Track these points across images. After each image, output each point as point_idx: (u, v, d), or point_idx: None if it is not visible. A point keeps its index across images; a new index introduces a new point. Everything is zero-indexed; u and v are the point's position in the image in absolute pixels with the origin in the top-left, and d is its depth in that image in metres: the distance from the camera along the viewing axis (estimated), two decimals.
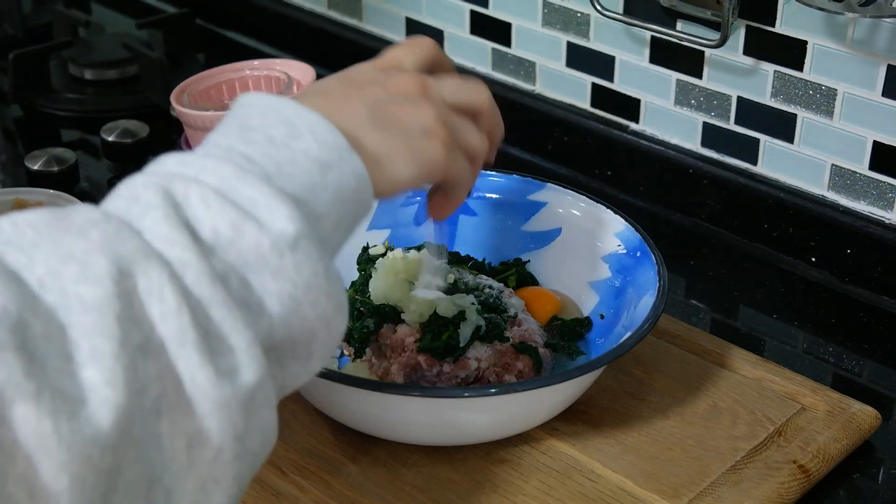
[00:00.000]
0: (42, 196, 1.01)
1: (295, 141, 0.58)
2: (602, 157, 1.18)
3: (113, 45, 1.40)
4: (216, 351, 0.50)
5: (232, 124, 0.59)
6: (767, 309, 1.01)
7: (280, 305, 0.53)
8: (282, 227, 0.53)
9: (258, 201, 0.54)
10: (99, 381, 0.46)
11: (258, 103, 0.60)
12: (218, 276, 0.51)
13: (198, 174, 0.54)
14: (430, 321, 0.82)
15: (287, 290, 0.53)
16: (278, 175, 0.56)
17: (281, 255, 0.53)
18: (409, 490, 0.77)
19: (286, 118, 0.59)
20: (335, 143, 0.58)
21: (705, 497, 0.76)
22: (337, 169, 0.58)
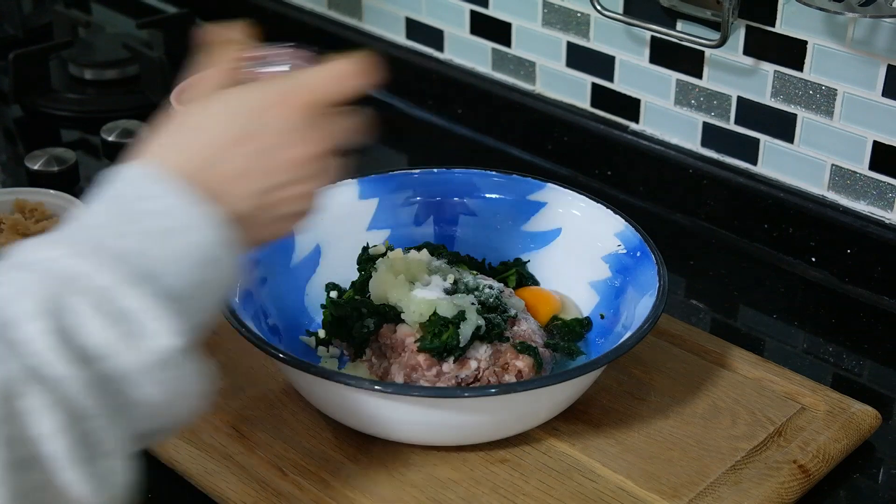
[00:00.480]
0: (42, 196, 1.01)
1: (177, 237, 0.57)
2: (602, 157, 1.18)
3: (113, 45, 1.40)
4: (92, 459, 0.51)
5: (112, 208, 0.58)
6: (767, 309, 1.01)
7: (153, 410, 0.55)
8: (165, 342, 0.54)
9: (143, 313, 0.54)
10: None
11: (142, 184, 0.59)
12: (96, 388, 0.52)
13: (81, 278, 0.54)
14: (430, 321, 0.82)
15: (163, 398, 0.55)
16: (157, 274, 0.56)
17: (161, 368, 0.54)
18: (409, 490, 0.77)
19: (169, 209, 0.58)
20: (217, 240, 0.59)
21: (705, 497, 0.76)
22: (214, 266, 0.58)
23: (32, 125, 1.33)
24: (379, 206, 0.95)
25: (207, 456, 0.80)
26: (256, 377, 0.86)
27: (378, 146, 1.29)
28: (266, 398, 0.85)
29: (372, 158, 1.26)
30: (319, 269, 0.92)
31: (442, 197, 0.96)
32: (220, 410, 0.83)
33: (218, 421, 0.82)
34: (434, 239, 0.96)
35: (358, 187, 0.94)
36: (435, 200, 0.96)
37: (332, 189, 0.92)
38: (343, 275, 0.91)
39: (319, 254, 0.92)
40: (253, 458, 0.79)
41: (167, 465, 0.80)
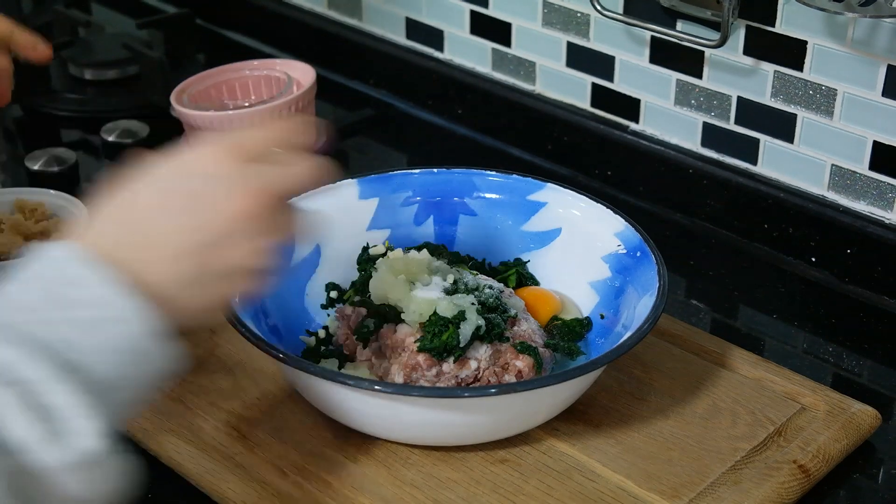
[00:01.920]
0: (42, 196, 1.01)
1: (107, 328, 0.56)
2: (602, 157, 1.18)
3: (113, 45, 1.40)
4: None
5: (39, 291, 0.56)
6: (767, 309, 1.01)
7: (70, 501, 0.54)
8: (86, 443, 0.54)
9: (66, 411, 0.53)
10: None
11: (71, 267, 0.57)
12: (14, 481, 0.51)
13: (11, 368, 0.53)
14: (430, 321, 0.82)
15: (83, 496, 0.54)
16: (85, 365, 0.55)
17: (82, 467, 0.54)
18: (409, 490, 0.77)
19: (99, 299, 0.56)
20: (147, 331, 0.57)
21: (705, 497, 0.76)
22: (144, 358, 0.58)
23: (32, 125, 1.33)
24: (379, 206, 0.95)
25: (207, 456, 0.80)
26: (256, 377, 0.86)
27: (378, 146, 1.29)
28: (266, 398, 0.85)
29: (372, 158, 1.26)
30: (319, 269, 0.92)
31: (442, 197, 0.96)
32: (220, 411, 0.83)
33: (218, 421, 0.82)
34: (434, 239, 0.96)
35: (358, 187, 0.94)
36: (435, 200, 0.96)
37: (332, 189, 0.92)
38: (343, 275, 0.91)
39: (319, 254, 0.92)
40: (253, 458, 0.79)
41: (167, 465, 0.80)
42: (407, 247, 0.92)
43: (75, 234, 0.60)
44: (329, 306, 0.91)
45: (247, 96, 1.17)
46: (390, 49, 1.34)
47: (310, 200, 0.85)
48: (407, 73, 1.33)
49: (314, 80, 1.12)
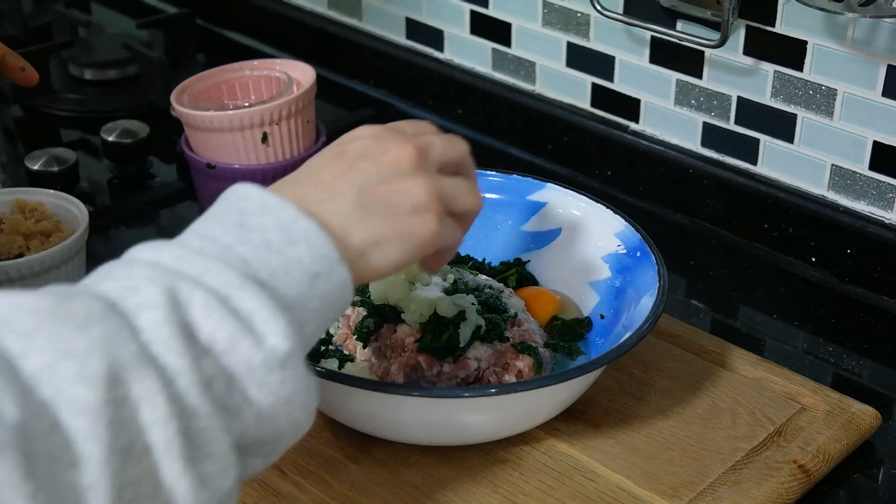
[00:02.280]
0: (42, 196, 1.01)
1: (291, 248, 0.58)
2: (602, 157, 1.18)
3: (113, 45, 1.40)
4: (197, 458, 0.51)
5: (228, 217, 0.59)
6: (767, 309, 1.01)
7: (258, 413, 0.55)
8: (276, 343, 0.55)
9: (257, 313, 0.55)
10: (85, 485, 0.47)
11: (256, 200, 0.60)
12: (206, 383, 0.52)
13: (200, 275, 0.55)
14: (430, 321, 0.82)
15: (268, 401, 0.55)
16: (272, 282, 0.57)
17: (270, 370, 0.54)
18: (409, 490, 0.77)
19: (282, 222, 0.59)
20: (327, 253, 0.59)
21: (705, 497, 0.76)
22: (325, 279, 0.59)
23: (32, 125, 1.33)
24: None
25: None
26: None
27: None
28: None
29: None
30: None
31: None
32: None
33: None
34: None
35: None
36: None
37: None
38: None
39: None
40: None
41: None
42: None
43: None
44: None
45: (247, 96, 1.17)
46: (390, 49, 1.34)
47: None
48: (407, 73, 1.33)
49: (314, 80, 1.12)
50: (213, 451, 0.52)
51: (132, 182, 1.21)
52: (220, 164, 1.08)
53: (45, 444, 0.46)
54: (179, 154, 1.17)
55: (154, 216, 1.16)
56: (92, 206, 1.10)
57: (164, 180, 1.21)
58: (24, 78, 1.09)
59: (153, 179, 1.22)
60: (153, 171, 1.23)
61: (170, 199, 1.18)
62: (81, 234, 0.96)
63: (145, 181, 1.21)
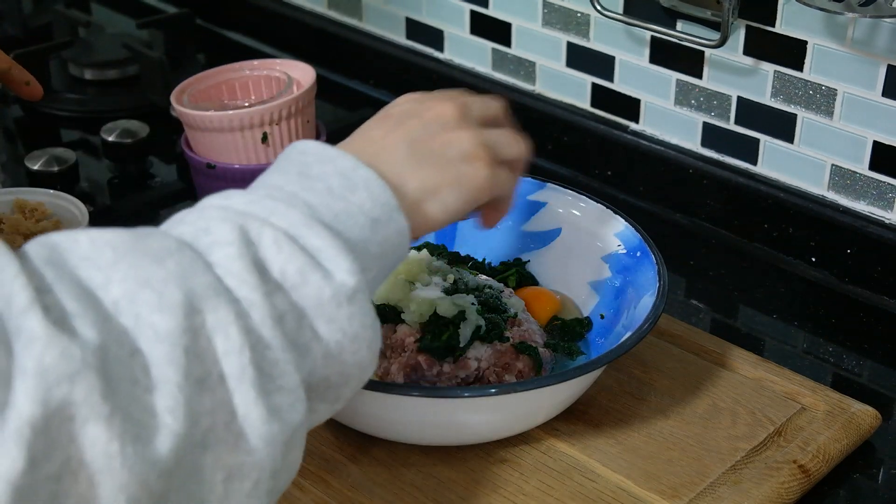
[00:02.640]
0: (42, 196, 1.01)
1: (352, 194, 0.60)
2: (602, 157, 1.18)
3: (113, 45, 1.40)
4: (269, 389, 0.52)
5: (290, 169, 0.61)
6: (767, 309, 1.01)
7: (326, 350, 0.56)
8: (343, 278, 0.56)
9: (324, 251, 0.56)
10: (163, 408, 0.48)
11: (315, 151, 0.62)
12: (278, 317, 0.53)
13: (269, 216, 0.56)
14: (430, 321, 0.82)
15: (336, 337, 0.56)
16: (336, 225, 0.59)
17: (339, 305, 0.56)
18: (409, 490, 0.77)
19: (342, 170, 0.61)
20: (386, 200, 0.61)
21: (705, 497, 0.76)
22: (385, 226, 0.61)
23: (32, 125, 1.33)
24: None
25: None
26: None
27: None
28: None
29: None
30: None
31: None
32: None
33: None
34: (434, 239, 0.96)
35: None
36: None
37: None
38: None
39: None
40: None
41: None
42: None
43: None
44: None
45: (247, 96, 1.17)
46: (390, 49, 1.34)
47: None
48: (407, 73, 1.33)
49: (314, 80, 1.12)
50: (283, 384, 0.53)
51: (132, 182, 1.21)
52: (220, 164, 1.08)
53: (126, 368, 0.47)
54: (179, 154, 1.17)
55: (154, 216, 1.16)
56: (92, 206, 1.10)
57: (164, 180, 1.21)
58: (29, 92, 1.10)
59: (153, 179, 1.22)
60: (153, 171, 1.23)
61: (170, 199, 1.18)
62: None
63: (145, 181, 1.21)
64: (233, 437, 0.51)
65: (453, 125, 0.67)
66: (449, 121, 0.67)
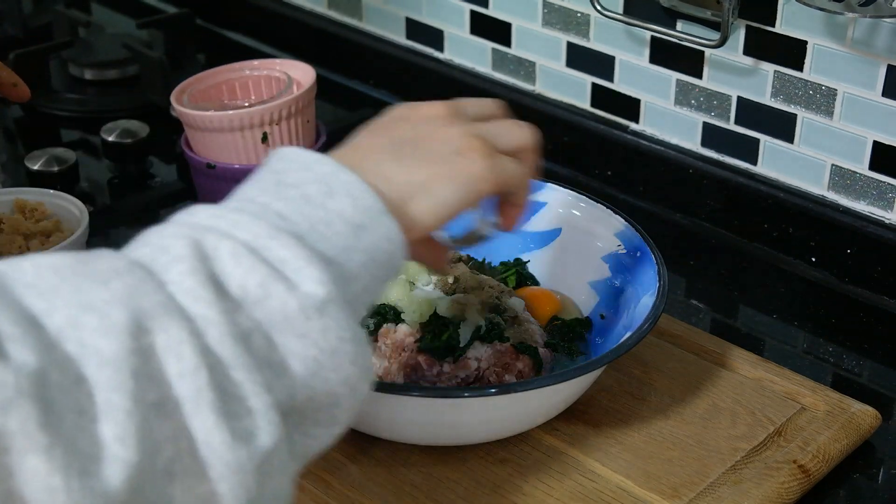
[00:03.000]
0: (42, 196, 1.01)
1: (330, 200, 0.57)
2: (602, 157, 1.18)
3: (113, 45, 1.40)
4: (233, 413, 0.49)
5: (268, 179, 0.59)
6: (767, 309, 1.01)
7: (303, 368, 0.52)
8: (310, 289, 0.53)
9: (288, 261, 0.53)
10: (111, 437, 0.45)
11: (295, 158, 0.59)
12: (241, 335, 0.51)
13: (230, 229, 0.53)
14: (430, 321, 0.82)
15: (311, 353, 0.53)
16: (311, 234, 0.55)
17: (308, 318, 0.52)
18: (409, 490, 0.77)
19: (322, 176, 0.58)
20: (370, 205, 0.58)
21: (705, 497, 0.76)
22: (370, 231, 0.57)
23: (33, 125, 1.33)
24: None
25: None
26: None
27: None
28: None
29: None
30: None
31: None
32: None
33: None
34: None
35: None
36: None
37: None
38: None
39: None
40: None
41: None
42: None
43: None
44: None
45: (247, 96, 1.17)
46: (390, 49, 1.34)
47: None
48: (407, 73, 1.33)
49: (314, 80, 1.12)
50: (251, 407, 0.50)
51: (132, 182, 1.21)
52: (220, 164, 1.08)
53: (71, 397, 0.45)
54: (179, 154, 1.17)
55: (154, 216, 1.16)
56: (92, 206, 1.10)
57: (164, 180, 1.21)
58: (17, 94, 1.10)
59: (153, 179, 1.22)
60: (153, 171, 1.23)
61: (170, 199, 1.18)
62: (81, 234, 0.96)
63: (145, 181, 1.21)
64: (198, 465, 0.48)
65: (443, 123, 0.65)
66: (439, 119, 0.65)
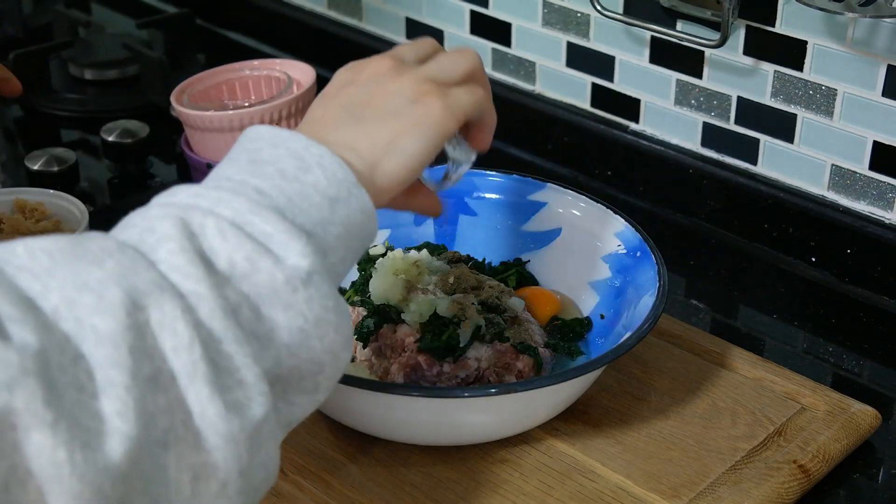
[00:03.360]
0: (42, 196, 1.01)
1: (305, 174, 0.58)
2: (602, 157, 1.18)
3: (113, 45, 1.40)
4: (225, 385, 0.51)
5: (241, 157, 0.60)
6: (767, 309, 1.01)
7: (289, 338, 0.54)
8: (296, 262, 0.54)
9: (273, 235, 0.55)
10: (111, 412, 0.47)
11: (266, 136, 0.61)
12: (230, 309, 0.52)
13: (213, 206, 0.55)
14: (430, 321, 0.82)
15: (297, 323, 0.54)
16: (290, 208, 0.57)
17: (294, 289, 0.54)
18: (409, 490, 0.77)
19: (295, 151, 0.59)
20: (343, 177, 0.59)
21: (705, 497, 0.76)
22: (345, 203, 0.59)
23: (32, 125, 1.33)
24: None
25: None
26: None
27: None
28: None
29: None
30: None
31: (442, 197, 0.96)
32: None
33: None
34: (434, 239, 0.96)
35: None
36: None
37: None
38: None
39: None
40: None
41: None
42: (407, 247, 0.92)
43: None
44: None
45: (247, 96, 1.17)
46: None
47: None
48: None
49: (314, 80, 1.12)
50: (242, 378, 0.51)
51: (132, 182, 1.21)
52: None
53: (70, 375, 0.46)
54: (179, 154, 1.17)
55: None
56: (92, 206, 1.10)
57: (164, 180, 1.21)
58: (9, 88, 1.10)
59: (153, 179, 1.22)
60: (153, 171, 1.23)
61: None
62: None
63: (145, 181, 1.21)
64: (192, 435, 0.49)
65: (390, 76, 0.65)
66: (385, 74, 0.66)
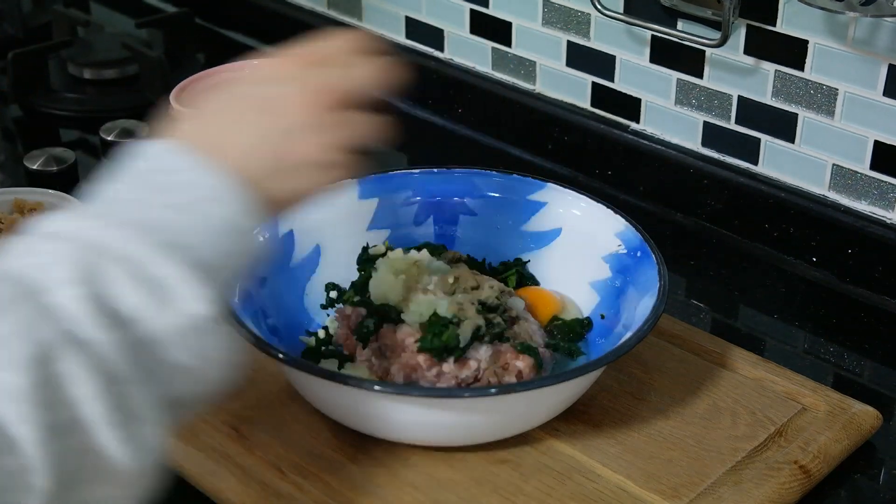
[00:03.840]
0: (41, 196, 1.01)
1: (204, 207, 0.59)
2: (602, 157, 1.18)
3: (113, 44, 1.40)
4: (129, 422, 0.53)
5: (136, 181, 0.60)
6: (767, 309, 1.01)
7: (186, 376, 0.56)
8: (194, 307, 0.56)
9: (172, 280, 0.56)
10: (23, 467, 0.48)
11: (164, 158, 0.61)
12: (131, 352, 0.53)
13: (112, 247, 0.55)
14: (430, 321, 0.82)
15: (195, 363, 0.57)
16: (187, 244, 0.57)
17: (193, 333, 0.56)
18: (409, 490, 0.77)
19: (193, 181, 0.60)
20: (240, 208, 0.60)
21: (705, 497, 0.76)
22: (240, 234, 0.60)
23: (32, 125, 1.32)
24: (379, 206, 0.94)
25: (207, 456, 0.79)
26: (256, 377, 0.86)
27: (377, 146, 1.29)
28: (266, 398, 0.85)
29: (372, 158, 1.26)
30: (319, 269, 0.92)
31: (442, 197, 0.96)
32: (220, 411, 0.83)
33: (217, 421, 0.82)
34: (434, 239, 0.96)
35: (358, 187, 0.94)
36: (435, 200, 0.96)
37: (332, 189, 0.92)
38: (343, 275, 0.91)
39: (319, 254, 0.92)
40: (252, 458, 0.79)
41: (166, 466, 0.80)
42: (407, 247, 0.92)
43: (166, 133, 0.63)
44: (329, 306, 0.91)
45: None
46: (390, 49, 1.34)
47: None
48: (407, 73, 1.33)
49: None
50: (141, 415, 0.53)
51: None
52: None
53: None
54: None
55: None
56: None
57: None
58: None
59: None
60: None
61: None
62: None
63: None
64: (103, 473, 0.52)
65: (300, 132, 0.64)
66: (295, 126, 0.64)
